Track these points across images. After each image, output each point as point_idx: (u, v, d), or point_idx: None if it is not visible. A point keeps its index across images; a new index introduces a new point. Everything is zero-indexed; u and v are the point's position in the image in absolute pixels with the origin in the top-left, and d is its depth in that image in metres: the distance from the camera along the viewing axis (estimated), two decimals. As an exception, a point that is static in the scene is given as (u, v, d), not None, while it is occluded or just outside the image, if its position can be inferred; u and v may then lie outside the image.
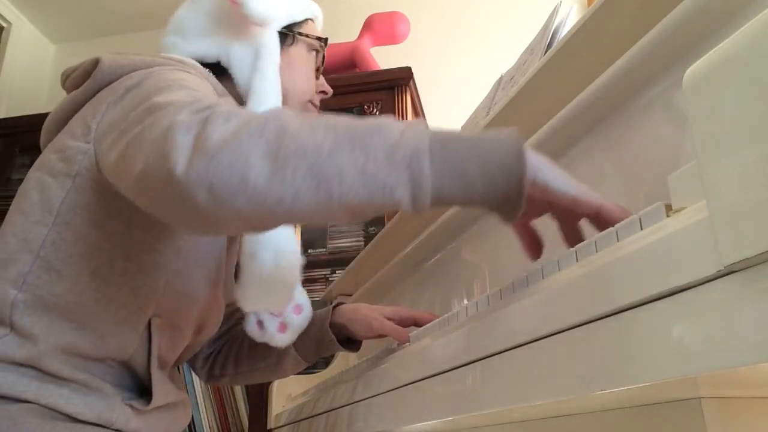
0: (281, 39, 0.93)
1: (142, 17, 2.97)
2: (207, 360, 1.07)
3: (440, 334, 0.60)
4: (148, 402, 0.78)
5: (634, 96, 0.66)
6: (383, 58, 2.42)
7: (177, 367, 0.95)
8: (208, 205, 0.52)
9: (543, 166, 0.53)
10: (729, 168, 0.27)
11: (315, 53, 0.98)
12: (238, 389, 2.12)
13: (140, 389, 0.80)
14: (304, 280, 2.28)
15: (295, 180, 0.51)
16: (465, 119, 1.27)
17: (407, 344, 0.78)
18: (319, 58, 0.99)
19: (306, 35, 0.96)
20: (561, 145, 0.78)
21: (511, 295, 0.49)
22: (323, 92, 1.00)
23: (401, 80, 2.23)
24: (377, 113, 2.22)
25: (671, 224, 0.32)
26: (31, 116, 2.38)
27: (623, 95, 0.67)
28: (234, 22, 0.90)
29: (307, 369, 1.30)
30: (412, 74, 2.24)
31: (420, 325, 0.92)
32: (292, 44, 0.95)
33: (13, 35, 2.98)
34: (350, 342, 1.02)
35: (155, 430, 0.81)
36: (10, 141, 2.51)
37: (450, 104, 2.51)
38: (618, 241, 0.39)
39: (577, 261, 0.43)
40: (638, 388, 0.34)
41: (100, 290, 0.74)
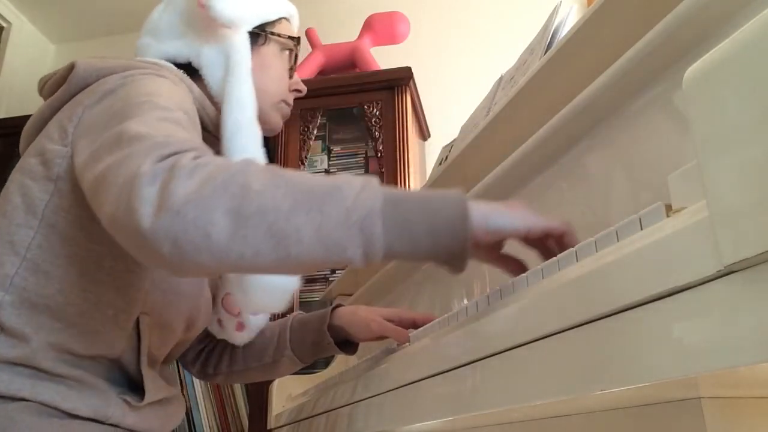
0: (253, 39, 0.93)
1: (142, 17, 2.96)
2: (199, 356, 1.07)
3: (440, 334, 0.60)
4: (142, 398, 0.79)
5: (634, 96, 0.66)
6: (383, 58, 2.42)
7: (170, 364, 0.95)
8: (173, 257, 0.55)
9: (491, 213, 0.58)
10: (729, 168, 0.27)
11: (288, 52, 0.98)
12: (238, 389, 2.12)
13: (133, 386, 0.81)
14: (305, 280, 2.28)
15: (256, 238, 0.54)
16: (465, 119, 1.27)
17: (407, 344, 0.78)
18: (293, 57, 0.99)
19: (278, 35, 0.96)
20: (561, 145, 0.78)
21: (511, 295, 0.49)
22: (297, 90, 1.00)
23: (401, 80, 2.23)
24: (377, 113, 2.22)
25: (671, 224, 0.32)
26: (31, 116, 2.37)
27: (623, 95, 0.67)
28: (203, 24, 0.91)
29: (307, 369, 1.30)
30: (412, 74, 2.24)
31: (419, 327, 0.92)
32: (264, 44, 0.95)
33: (13, 35, 2.98)
34: (348, 344, 1.02)
35: (151, 425, 0.82)
36: (10, 141, 2.49)
37: (450, 104, 2.51)
38: (618, 241, 0.39)
39: (577, 261, 0.43)
40: (638, 388, 0.34)
41: (89, 290, 0.75)
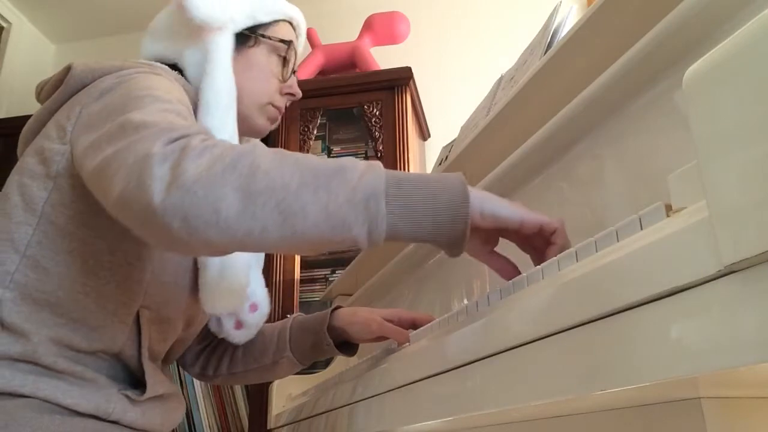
0: (241, 40, 0.93)
1: (143, 17, 2.96)
2: (198, 358, 1.08)
3: (440, 334, 0.60)
4: (142, 393, 0.79)
5: (634, 96, 0.66)
6: (383, 58, 2.42)
7: (169, 364, 0.96)
8: (182, 233, 0.57)
9: (487, 200, 0.61)
10: (729, 168, 0.27)
11: (278, 56, 0.97)
12: (238, 389, 2.12)
13: (133, 381, 0.82)
14: (305, 280, 2.28)
15: (264, 215, 0.56)
16: (465, 119, 1.27)
17: (407, 345, 0.78)
18: (283, 60, 0.97)
19: (268, 37, 0.95)
20: (561, 145, 0.78)
21: (511, 295, 0.49)
22: (290, 94, 0.99)
23: (401, 80, 2.23)
24: (377, 113, 2.22)
25: (671, 224, 0.32)
26: (31, 116, 2.37)
27: (623, 95, 0.67)
28: (187, 26, 0.91)
29: (307, 369, 1.30)
30: (412, 74, 2.24)
31: (419, 327, 0.92)
32: (254, 45, 0.95)
33: (13, 35, 2.98)
34: (347, 346, 1.02)
35: (152, 421, 0.82)
36: (10, 141, 2.49)
37: (450, 104, 2.51)
38: (618, 241, 0.39)
39: (577, 261, 0.43)
40: (638, 388, 0.34)
41: (89, 285, 0.76)
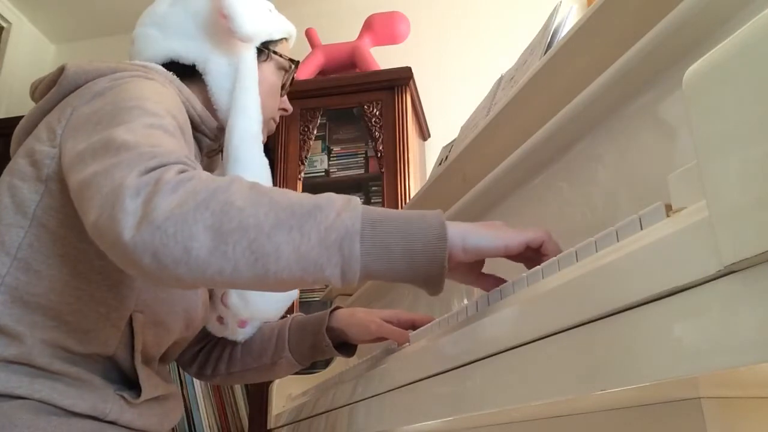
0: (257, 55, 0.96)
1: (142, 17, 2.97)
2: (196, 357, 1.07)
3: (440, 334, 0.60)
4: (138, 395, 0.79)
5: (634, 96, 0.66)
6: (383, 58, 2.42)
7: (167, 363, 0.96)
8: (152, 269, 0.57)
9: (469, 234, 0.59)
10: (729, 168, 0.27)
11: (283, 73, 1.01)
12: (238, 389, 2.12)
13: (128, 383, 0.82)
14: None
15: (236, 254, 0.55)
16: (465, 119, 1.27)
17: (407, 345, 0.78)
18: (287, 78, 1.02)
19: (280, 54, 0.99)
20: (561, 145, 0.78)
21: (511, 295, 0.49)
22: (284, 110, 1.03)
23: (401, 80, 2.23)
24: (377, 113, 2.22)
25: (671, 224, 0.32)
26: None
27: (623, 95, 0.67)
28: (218, 32, 0.92)
29: (307, 369, 1.29)
30: (412, 74, 2.24)
31: (418, 328, 0.92)
32: (266, 61, 0.98)
33: (13, 35, 2.98)
34: (346, 347, 1.02)
35: (149, 421, 0.82)
36: (10, 141, 2.50)
37: (450, 104, 2.51)
38: (618, 241, 0.39)
39: (577, 261, 0.43)
40: (638, 388, 0.34)
41: (81, 288, 0.75)
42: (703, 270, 0.28)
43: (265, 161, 0.91)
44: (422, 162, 2.47)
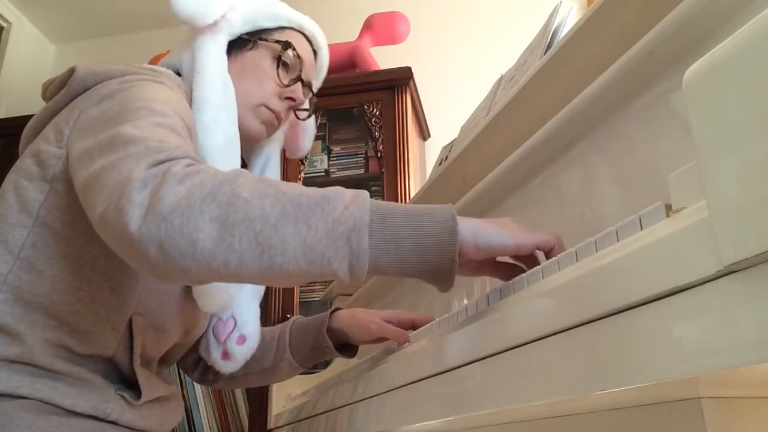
0: (239, 45, 0.95)
1: (142, 17, 2.98)
2: (199, 362, 1.07)
3: (440, 334, 0.60)
4: (139, 396, 0.79)
5: (635, 96, 0.66)
6: (383, 58, 2.42)
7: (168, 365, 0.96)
8: (158, 261, 0.56)
9: (481, 230, 0.58)
10: (729, 168, 0.27)
11: (276, 58, 0.96)
12: (238, 389, 2.12)
13: (129, 384, 0.82)
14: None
15: (242, 246, 0.55)
16: (465, 119, 1.27)
17: (407, 345, 0.78)
18: (291, 63, 0.97)
19: (265, 39, 0.96)
20: (561, 145, 0.78)
21: (511, 295, 0.49)
22: (291, 99, 0.97)
23: (401, 80, 2.23)
24: (377, 113, 2.22)
25: (671, 224, 0.32)
26: (31, 116, 2.37)
27: (623, 95, 0.67)
28: (186, 33, 0.94)
29: (307, 369, 1.29)
30: (412, 74, 2.24)
31: (418, 328, 0.92)
32: (251, 49, 0.95)
33: (13, 35, 2.98)
34: (347, 348, 1.02)
35: (150, 422, 0.82)
36: (10, 141, 2.50)
37: (450, 104, 2.51)
38: (618, 241, 0.39)
39: (577, 261, 0.43)
40: (638, 388, 0.34)
41: (82, 289, 0.75)
42: (703, 270, 0.28)
43: (224, 156, 0.86)
44: (422, 162, 2.47)
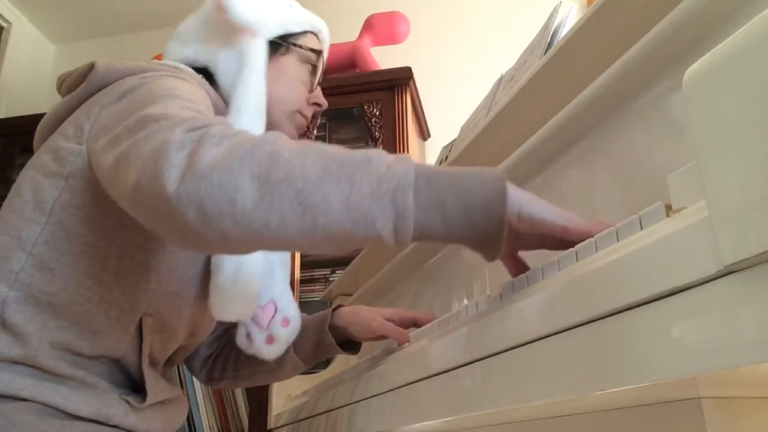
0: (273, 48, 0.94)
1: (142, 17, 2.97)
2: (206, 362, 1.07)
3: (440, 335, 0.60)
4: (143, 399, 0.79)
5: (634, 96, 0.66)
6: (383, 58, 2.42)
7: (172, 367, 0.96)
8: (197, 224, 0.54)
9: (527, 201, 0.54)
10: (729, 168, 0.27)
11: (309, 65, 0.98)
12: (238, 389, 2.12)
13: (134, 387, 0.81)
14: (305, 280, 2.28)
15: (282, 206, 0.52)
16: (465, 119, 1.27)
17: (407, 344, 0.78)
18: (313, 70, 0.99)
19: (300, 46, 0.97)
20: (561, 145, 0.78)
21: (511, 295, 0.49)
22: (317, 104, 1.00)
23: (401, 80, 2.23)
24: (377, 113, 2.22)
25: (671, 224, 0.32)
26: (31, 116, 2.38)
27: (623, 95, 0.67)
28: (223, 30, 0.92)
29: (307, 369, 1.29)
30: (412, 74, 2.24)
31: (419, 327, 0.92)
32: (285, 54, 0.96)
33: (13, 35, 2.98)
34: (350, 345, 1.02)
35: (152, 426, 0.81)
36: (10, 141, 2.51)
37: (450, 104, 2.51)
38: (618, 241, 0.39)
39: (577, 261, 0.43)
40: (638, 388, 0.34)
41: (93, 289, 0.75)
42: (703, 270, 0.28)
43: None
44: (422, 162, 2.47)
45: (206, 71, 0.91)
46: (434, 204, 0.53)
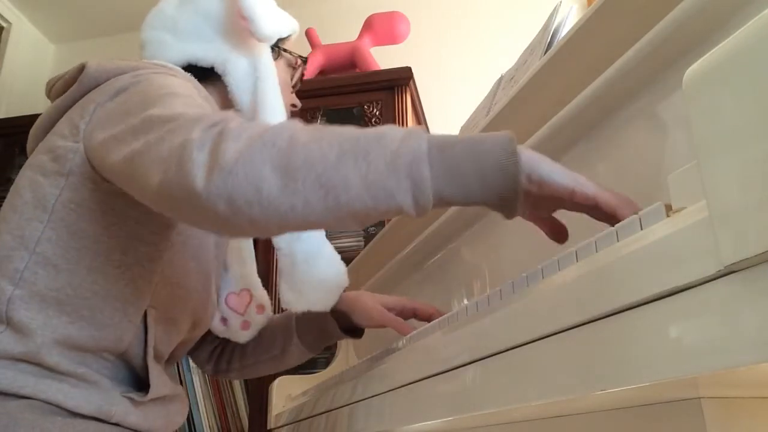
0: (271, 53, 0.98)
1: (142, 17, 2.97)
2: (212, 355, 1.09)
3: (440, 334, 0.60)
4: (146, 394, 0.79)
5: (634, 96, 0.66)
6: (383, 58, 2.42)
7: (176, 364, 0.97)
8: (227, 215, 0.57)
9: (537, 162, 0.56)
10: (729, 168, 0.27)
11: (292, 69, 1.03)
12: (238, 389, 2.12)
13: (137, 383, 0.82)
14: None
15: (305, 189, 0.55)
16: (465, 119, 1.27)
17: (408, 336, 0.78)
18: (297, 74, 1.04)
19: (290, 52, 1.02)
20: (561, 145, 0.78)
21: (511, 295, 0.49)
22: (293, 105, 1.05)
23: (401, 80, 2.23)
24: (377, 113, 2.22)
25: (671, 224, 0.32)
26: (31, 116, 2.37)
27: (623, 95, 0.67)
28: (236, 33, 0.94)
29: (308, 369, 1.29)
30: (412, 74, 2.24)
31: (420, 317, 0.93)
32: (277, 59, 0.99)
33: (13, 35, 2.98)
34: (353, 329, 1.03)
35: (154, 423, 0.82)
36: (10, 141, 2.51)
37: (450, 104, 2.51)
38: (618, 241, 0.39)
39: (577, 261, 0.43)
40: (638, 388, 0.34)
41: (98, 283, 0.76)
42: (703, 270, 0.28)
43: None
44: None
45: (207, 70, 0.92)
46: (450, 172, 0.55)
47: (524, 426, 0.60)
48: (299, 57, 1.03)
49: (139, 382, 0.82)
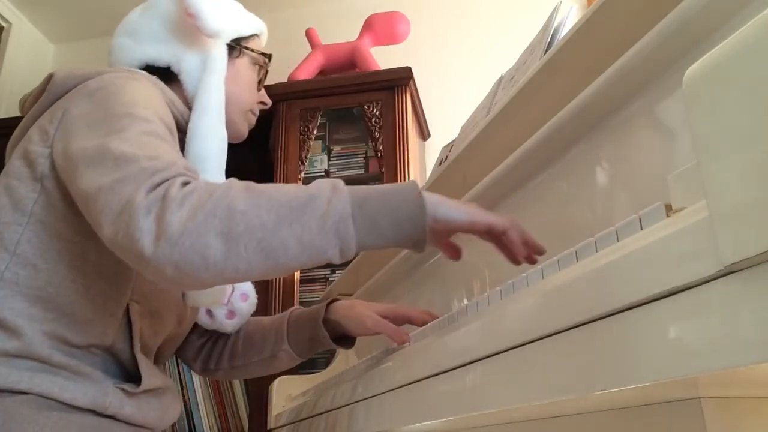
0: (229, 51, 0.99)
1: (142, 17, 2.97)
2: (200, 351, 1.09)
3: (440, 334, 0.60)
4: (138, 385, 0.81)
5: (634, 96, 0.66)
6: (383, 58, 2.42)
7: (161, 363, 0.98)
8: (175, 277, 0.63)
9: (440, 204, 0.68)
10: (729, 168, 0.27)
11: (258, 67, 1.05)
12: (238, 389, 2.12)
13: (128, 376, 0.83)
14: (305, 280, 2.28)
15: (248, 254, 0.62)
16: (465, 119, 1.27)
17: (406, 344, 0.78)
18: (262, 72, 1.06)
19: (252, 50, 1.03)
20: (561, 145, 0.78)
21: (511, 295, 0.49)
22: (263, 103, 1.07)
23: (401, 80, 2.23)
24: (377, 113, 2.22)
25: (671, 224, 0.32)
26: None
27: (623, 95, 0.67)
28: (187, 32, 0.96)
29: (307, 369, 1.29)
30: (412, 74, 2.24)
31: (414, 323, 0.92)
32: (238, 57, 1.01)
33: (13, 35, 2.98)
34: (345, 339, 1.02)
35: (148, 415, 0.83)
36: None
37: (450, 104, 2.51)
38: (618, 241, 0.39)
39: (577, 261, 0.43)
40: (638, 388, 0.34)
41: (78, 281, 0.78)
42: (703, 270, 0.28)
43: (217, 156, 0.94)
44: (422, 162, 2.47)
45: (167, 71, 0.95)
46: (370, 226, 0.65)
47: (524, 426, 0.60)
48: (262, 54, 1.05)
49: (130, 377, 0.83)
